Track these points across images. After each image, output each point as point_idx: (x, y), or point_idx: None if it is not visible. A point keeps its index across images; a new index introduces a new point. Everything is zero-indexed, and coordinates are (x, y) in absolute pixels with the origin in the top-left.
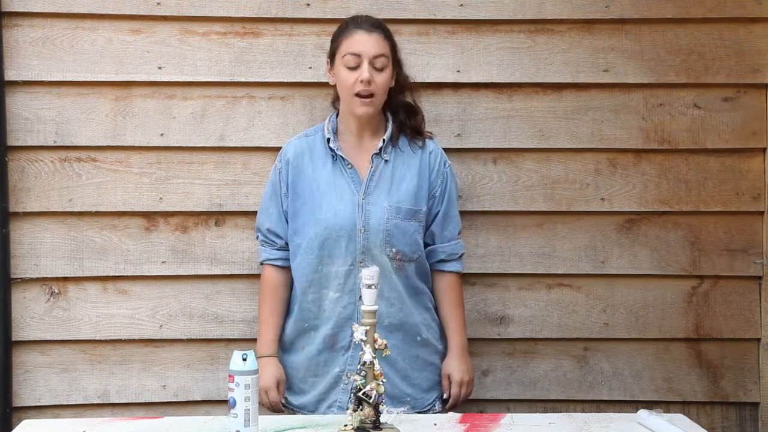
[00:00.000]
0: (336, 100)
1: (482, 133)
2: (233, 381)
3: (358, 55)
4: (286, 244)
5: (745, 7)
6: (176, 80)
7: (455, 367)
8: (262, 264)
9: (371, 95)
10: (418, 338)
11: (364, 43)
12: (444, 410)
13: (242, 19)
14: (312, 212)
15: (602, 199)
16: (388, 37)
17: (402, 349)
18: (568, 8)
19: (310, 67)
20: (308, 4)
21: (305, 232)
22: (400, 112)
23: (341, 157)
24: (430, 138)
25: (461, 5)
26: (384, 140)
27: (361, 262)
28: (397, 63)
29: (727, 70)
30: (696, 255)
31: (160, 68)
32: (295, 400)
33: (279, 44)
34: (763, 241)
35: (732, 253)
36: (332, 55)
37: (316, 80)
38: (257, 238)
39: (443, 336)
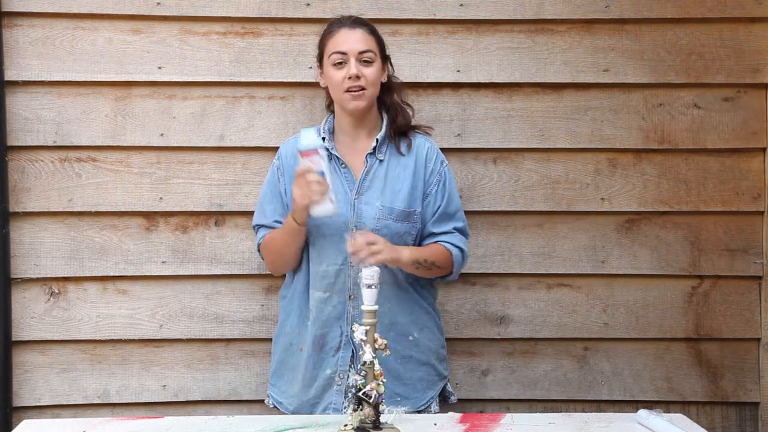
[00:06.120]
0: (330, 104)
1: (482, 133)
2: (318, 154)
3: (344, 53)
4: None
5: (745, 7)
6: (176, 80)
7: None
8: (260, 246)
9: (362, 89)
10: (410, 338)
11: (348, 39)
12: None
13: (242, 19)
14: None
15: (602, 199)
16: (373, 32)
17: (392, 348)
18: (568, 8)
19: (310, 67)
20: (308, 4)
21: None
22: (394, 111)
23: (336, 156)
24: (428, 135)
25: (461, 5)
26: (378, 140)
27: (351, 262)
28: (385, 59)
29: (727, 70)
30: (696, 255)
31: (160, 68)
32: (291, 404)
33: (279, 44)
34: (763, 241)
35: (732, 253)
36: (321, 58)
37: (316, 80)
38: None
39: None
